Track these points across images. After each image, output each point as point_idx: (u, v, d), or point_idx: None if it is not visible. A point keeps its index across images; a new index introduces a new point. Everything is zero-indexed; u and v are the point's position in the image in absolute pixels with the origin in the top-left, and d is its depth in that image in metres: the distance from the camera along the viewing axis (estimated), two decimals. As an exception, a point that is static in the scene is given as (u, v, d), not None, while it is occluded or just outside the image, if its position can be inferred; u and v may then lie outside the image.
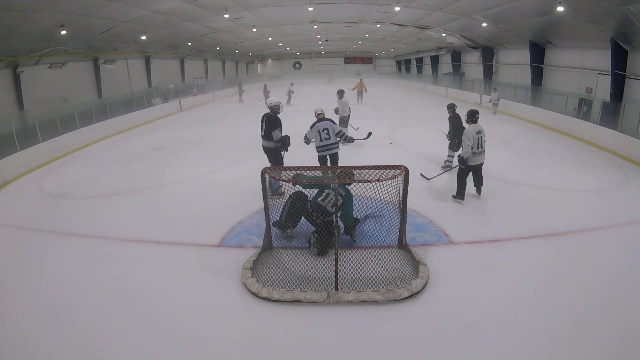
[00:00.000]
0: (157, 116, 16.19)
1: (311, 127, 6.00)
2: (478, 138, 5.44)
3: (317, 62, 40.15)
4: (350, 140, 6.27)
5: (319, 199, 4.39)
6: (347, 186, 4.32)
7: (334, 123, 6.10)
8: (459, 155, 5.64)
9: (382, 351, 2.92)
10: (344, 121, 9.56)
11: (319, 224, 4.24)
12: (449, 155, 7.35)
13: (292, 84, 21.38)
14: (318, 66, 39.76)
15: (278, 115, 5.85)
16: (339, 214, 3.98)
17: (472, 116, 5.58)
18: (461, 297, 3.55)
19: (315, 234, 4.23)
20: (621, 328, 3.10)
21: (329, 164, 6.12)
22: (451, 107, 7.21)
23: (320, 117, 6.11)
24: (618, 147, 8.84)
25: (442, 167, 7.35)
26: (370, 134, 6.77)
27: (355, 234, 4.54)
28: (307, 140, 6.15)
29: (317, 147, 6.07)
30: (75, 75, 15.20)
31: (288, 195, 4.51)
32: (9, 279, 4.04)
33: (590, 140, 10.03)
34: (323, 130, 5.93)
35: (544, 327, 3.10)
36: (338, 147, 6.09)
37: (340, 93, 9.60)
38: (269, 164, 6.24)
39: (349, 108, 9.63)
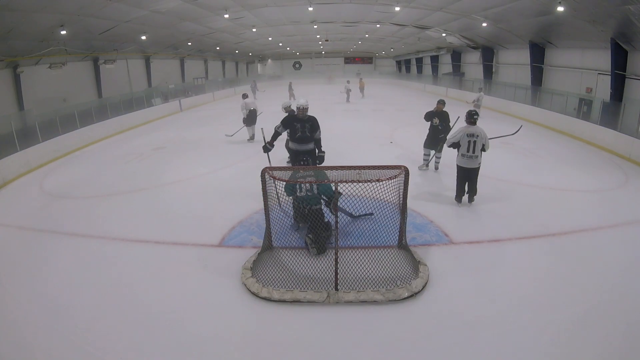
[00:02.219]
0: (157, 116, 16.19)
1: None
2: (468, 141, 5.28)
3: (317, 62, 40.15)
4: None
5: (298, 194, 4.49)
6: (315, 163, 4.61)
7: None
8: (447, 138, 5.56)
9: (382, 351, 2.92)
10: (246, 121, 10.31)
11: (309, 215, 4.24)
12: (424, 154, 7.39)
13: (348, 81, 21.77)
14: (318, 66, 39.76)
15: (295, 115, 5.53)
16: (321, 195, 4.41)
17: (470, 117, 5.40)
18: (461, 297, 3.55)
19: (310, 235, 4.23)
20: (621, 328, 3.10)
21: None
22: (441, 103, 7.20)
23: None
24: (618, 147, 8.83)
25: (419, 167, 7.38)
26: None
27: (335, 205, 4.26)
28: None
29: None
30: (75, 75, 15.20)
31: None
32: (9, 279, 4.04)
33: (590, 140, 10.02)
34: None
35: (544, 327, 3.10)
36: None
37: (244, 95, 10.73)
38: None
39: (251, 110, 10.24)
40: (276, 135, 5.50)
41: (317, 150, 5.55)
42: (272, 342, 3.04)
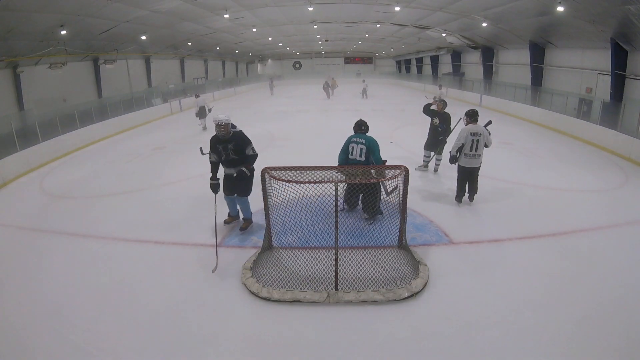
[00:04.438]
0: (157, 116, 16.20)
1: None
2: (472, 140, 5.26)
3: (317, 62, 40.18)
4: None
5: (350, 156, 4.91)
6: (366, 134, 5.05)
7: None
8: (449, 152, 5.52)
9: (382, 351, 2.92)
10: (198, 114, 12.77)
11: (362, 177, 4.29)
12: (424, 156, 7.31)
13: (364, 80, 23.23)
14: (318, 66, 39.78)
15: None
16: (367, 162, 4.83)
17: (474, 116, 5.38)
18: (461, 297, 3.55)
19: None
20: (621, 328, 3.10)
21: None
22: (442, 103, 7.07)
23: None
24: (618, 147, 8.83)
25: (416, 168, 7.33)
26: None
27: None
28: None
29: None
30: (75, 75, 15.21)
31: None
32: (9, 279, 4.04)
33: (590, 140, 10.03)
34: None
35: (543, 327, 3.10)
36: None
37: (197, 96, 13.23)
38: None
39: (201, 107, 12.67)
40: (213, 166, 4.70)
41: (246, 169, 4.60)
42: (272, 342, 3.04)
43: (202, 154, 4.97)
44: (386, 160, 4.96)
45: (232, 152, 4.58)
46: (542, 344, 2.94)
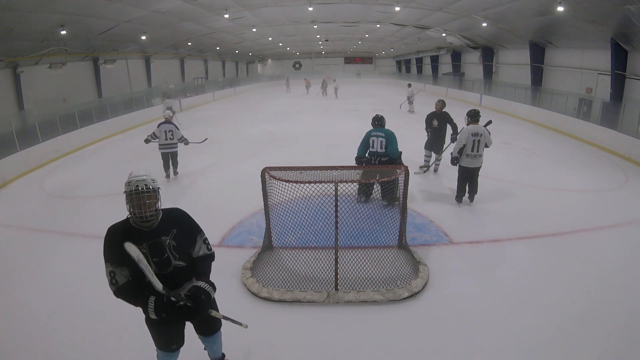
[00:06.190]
0: (157, 116, 16.16)
1: (158, 126, 6.95)
2: (473, 140, 5.25)
3: (317, 62, 40.17)
4: (187, 142, 7.14)
5: (372, 149, 5.40)
6: (384, 127, 5.57)
7: (177, 128, 7.09)
8: (451, 154, 5.53)
9: (382, 351, 2.92)
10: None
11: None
12: (425, 156, 7.28)
13: (335, 80, 24.23)
14: (318, 66, 39.77)
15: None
16: (387, 152, 5.36)
17: (475, 116, 5.38)
18: (461, 297, 3.55)
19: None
20: (620, 328, 3.10)
21: (170, 161, 7.11)
22: (441, 103, 7.01)
23: (167, 120, 7.14)
24: (618, 147, 8.84)
25: (420, 167, 7.30)
26: (206, 139, 7.75)
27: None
28: (152, 137, 6.94)
29: (160, 145, 6.98)
30: (75, 75, 15.22)
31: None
32: (9, 279, 4.04)
33: (590, 140, 10.03)
34: (168, 132, 6.91)
35: (543, 327, 3.10)
36: (177, 147, 7.12)
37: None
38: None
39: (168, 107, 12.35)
40: (130, 288, 2.29)
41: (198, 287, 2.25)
42: (272, 342, 3.04)
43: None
44: (401, 152, 5.47)
45: (174, 251, 2.22)
46: (542, 344, 2.94)
